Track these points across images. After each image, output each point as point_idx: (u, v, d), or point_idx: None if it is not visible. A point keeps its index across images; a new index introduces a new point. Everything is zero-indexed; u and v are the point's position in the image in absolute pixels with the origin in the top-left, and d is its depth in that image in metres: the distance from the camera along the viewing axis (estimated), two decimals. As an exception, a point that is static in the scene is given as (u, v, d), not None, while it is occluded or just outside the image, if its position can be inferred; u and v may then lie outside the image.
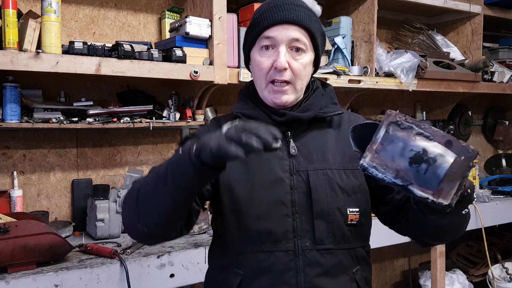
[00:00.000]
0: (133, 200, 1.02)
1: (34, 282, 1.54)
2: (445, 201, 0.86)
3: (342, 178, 1.13)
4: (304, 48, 1.13)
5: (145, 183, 1.01)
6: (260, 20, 1.13)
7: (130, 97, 2.25)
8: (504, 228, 3.30)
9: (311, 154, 1.15)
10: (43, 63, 1.73)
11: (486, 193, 2.92)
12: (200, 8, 2.20)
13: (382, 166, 0.89)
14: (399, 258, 3.47)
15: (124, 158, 2.34)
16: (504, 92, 3.24)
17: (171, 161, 0.96)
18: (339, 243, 1.11)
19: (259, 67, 1.15)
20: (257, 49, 1.15)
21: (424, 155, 0.86)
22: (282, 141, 1.13)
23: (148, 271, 1.76)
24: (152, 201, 0.99)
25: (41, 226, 1.60)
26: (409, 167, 0.87)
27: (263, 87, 1.15)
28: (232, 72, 2.16)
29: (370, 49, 2.62)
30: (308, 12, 1.14)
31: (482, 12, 3.10)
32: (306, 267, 1.09)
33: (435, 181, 0.86)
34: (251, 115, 1.17)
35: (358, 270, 1.15)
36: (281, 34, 1.11)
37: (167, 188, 0.95)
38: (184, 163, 0.91)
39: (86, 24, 2.20)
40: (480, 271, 3.24)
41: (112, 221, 1.98)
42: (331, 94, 1.23)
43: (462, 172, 0.86)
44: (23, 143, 2.08)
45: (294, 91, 1.14)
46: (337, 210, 1.11)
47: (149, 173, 1.04)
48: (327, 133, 1.19)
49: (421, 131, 0.88)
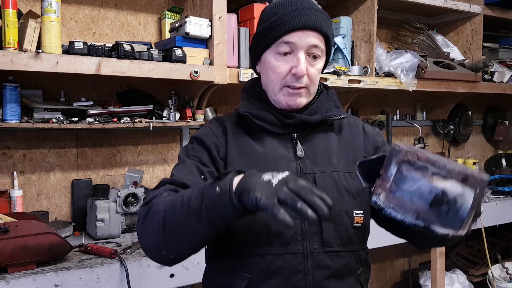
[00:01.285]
0: (158, 225, 0.98)
1: (34, 282, 1.54)
2: (463, 232, 0.87)
3: (347, 181, 1.13)
4: (320, 54, 1.14)
5: (172, 211, 0.97)
6: (279, 24, 1.10)
7: (130, 97, 2.25)
8: (504, 228, 3.30)
9: (316, 156, 1.15)
10: (43, 63, 1.73)
11: (486, 193, 2.92)
12: (200, 8, 2.20)
13: (401, 208, 0.88)
14: (399, 258, 3.47)
15: (124, 158, 2.34)
16: (504, 92, 3.24)
17: (206, 195, 0.92)
18: (346, 246, 1.11)
19: (275, 72, 1.13)
20: (273, 52, 1.13)
21: (444, 197, 0.85)
22: (289, 143, 1.15)
23: (148, 271, 1.76)
24: (182, 232, 0.97)
25: (41, 226, 1.60)
26: (429, 209, 0.86)
27: (277, 91, 1.14)
28: (232, 72, 2.16)
29: (370, 49, 2.62)
30: (325, 17, 1.14)
31: (482, 12, 3.10)
32: (314, 270, 1.08)
33: (458, 221, 0.85)
34: (259, 116, 1.15)
35: (361, 272, 1.16)
36: (301, 40, 1.10)
37: (201, 222, 0.93)
38: (223, 202, 0.89)
39: (86, 24, 2.20)
40: (480, 271, 3.24)
41: (112, 221, 1.98)
42: (333, 97, 1.24)
43: (477, 202, 0.86)
44: (23, 143, 2.08)
45: (308, 94, 1.15)
46: (344, 212, 1.11)
47: (174, 199, 0.99)
48: (330, 136, 1.19)
49: (437, 170, 0.86)
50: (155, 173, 2.43)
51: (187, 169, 1.11)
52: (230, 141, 1.15)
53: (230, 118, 1.21)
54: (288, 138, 1.16)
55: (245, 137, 1.16)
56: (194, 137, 1.18)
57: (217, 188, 0.90)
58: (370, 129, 1.27)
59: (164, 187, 1.07)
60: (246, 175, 0.91)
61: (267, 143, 1.15)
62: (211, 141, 1.15)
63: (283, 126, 1.15)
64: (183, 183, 1.07)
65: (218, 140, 1.15)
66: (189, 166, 1.11)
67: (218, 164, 1.13)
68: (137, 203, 2.05)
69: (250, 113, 1.15)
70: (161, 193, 1.05)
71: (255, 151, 1.13)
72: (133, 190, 2.04)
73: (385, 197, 0.89)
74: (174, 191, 1.05)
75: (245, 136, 1.16)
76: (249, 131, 1.17)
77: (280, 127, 1.15)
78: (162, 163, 2.45)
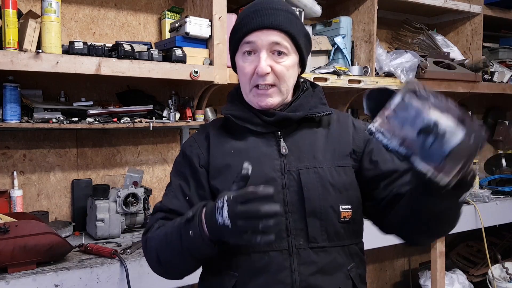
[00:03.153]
0: (155, 260, 1.14)
1: (34, 282, 1.54)
2: (444, 178, 0.83)
3: (333, 176, 1.14)
4: (285, 51, 1.14)
5: (162, 250, 1.10)
6: (241, 26, 1.15)
7: (130, 97, 2.25)
8: (504, 228, 3.30)
9: (301, 153, 1.15)
10: (43, 63, 1.73)
11: (486, 193, 2.92)
12: (200, 8, 2.20)
13: (389, 132, 0.88)
14: (399, 258, 3.47)
15: (124, 158, 2.34)
16: (504, 92, 3.24)
17: (184, 239, 1.02)
18: (333, 241, 1.11)
19: (242, 73, 1.16)
20: (240, 54, 1.17)
21: (434, 128, 0.83)
22: (273, 141, 1.17)
23: (148, 271, 1.75)
24: (176, 266, 1.12)
25: (41, 226, 1.60)
26: (416, 137, 0.85)
27: (248, 91, 1.17)
28: (232, 72, 2.15)
29: (370, 49, 2.62)
30: (288, 14, 1.14)
31: (482, 12, 3.10)
32: (300, 266, 1.09)
33: (439, 156, 0.83)
34: (240, 116, 1.18)
35: (352, 267, 1.15)
36: (261, 39, 1.12)
37: (188, 260, 1.07)
38: (199, 245, 1.00)
39: (86, 24, 2.20)
40: (480, 271, 3.24)
41: (112, 221, 1.98)
42: (320, 95, 1.24)
43: (468, 153, 0.83)
44: (23, 143, 2.08)
45: (279, 93, 1.16)
46: (329, 207, 1.11)
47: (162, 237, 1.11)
48: (316, 132, 1.20)
49: (437, 103, 0.85)
50: (155, 173, 2.43)
51: (172, 193, 1.19)
52: (213, 145, 1.19)
53: (216, 123, 1.27)
54: (271, 137, 1.17)
55: (227, 139, 1.20)
56: (181, 149, 1.26)
57: (190, 232, 1.00)
58: (361, 123, 1.27)
59: (155, 216, 1.18)
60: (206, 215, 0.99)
61: (250, 143, 1.17)
62: (192, 152, 1.21)
63: (265, 124, 1.17)
64: (170, 208, 1.17)
65: (199, 149, 1.21)
66: (174, 189, 1.20)
67: (200, 174, 1.18)
68: (137, 203, 2.05)
69: (232, 114, 1.19)
70: (153, 225, 1.17)
71: (238, 152, 1.16)
72: (133, 190, 2.04)
73: (379, 123, 0.89)
74: (164, 218, 1.17)
75: (227, 138, 1.20)
76: (233, 133, 1.20)
77: (262, 126, 1.17)
78: (162, 163, 2.45)
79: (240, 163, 1.11)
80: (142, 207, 2.07)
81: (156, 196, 2.41)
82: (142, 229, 2.12)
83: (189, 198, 1.17)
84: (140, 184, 2.15)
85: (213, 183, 1.16)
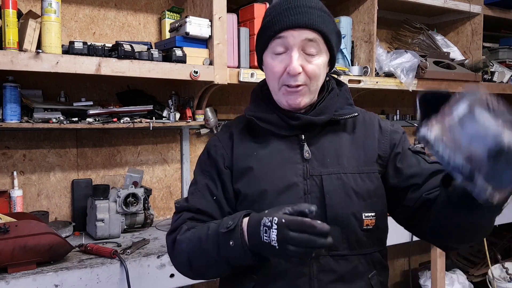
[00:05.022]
0: (186, 263, 1.11)
1: (34, 282, 1.54)
2: (498, 197, 0.78)
3: (357, 182, 1.10)
4: (318, 50, 1.10)
5: (195, 255, 1.08)
6: (272, 24, 1.10)
7: (130, 97, 2.25)
8: (504, 228, 3.30)
9: (325, 158, 1.12)
10: (43, 63, 1.73)
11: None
12: (200, 8, 2.20)
13: (454, 145, 0.78)
14: (399, 258, 3.47)
15: (124, 158, 2.34)
16: (504, 92, 3.23)
17: (223, 248, 1.01)
18: (354, 249, 1.09)
19: (272, 71, 1.12)
20: (270, 52, 1.13)
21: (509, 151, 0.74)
22: (296, 145, 1.14)
23: (148, 271, 1.76)
24: (209, 272, 1.10)
25: (41, 226, 1.60)
26: (485, 157, 0.75)
27: (277, 90, 1.13)
28: (232, 72, 2.16)
29: (370, 49, 2.62)
30: (321, 13, 1.10)
31: (482, 12, 3.10)
32: (320, 273, 1.07)
33: (509, 181, 0.76)
34: (264, 118, 1.15)
35: (374, 275, 1.12)
36: (294, 38, 1.08)
37: (222, 267, 1.04)
38: (240, 256, 0.98)
39: (86, 24, 2.20)
40: (480, 271, 3.24)
41: (112, 221, 1.98)
42: (346, 94, 1.20)
43: None
44: (23, 143, 2.08)
45: (308, 92, 1.12)
46: (351, 215, 1.08)
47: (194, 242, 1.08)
48: (341, 136, 1.16)
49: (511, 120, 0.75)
50: (155, 173, 2.43)
51: (200, 193, 1.16)
52: (236, 146, 1.17)
53: (239, 122, 1.23)
54: (295, 140, 1.14)
55: (250, 141, 1.17)
56: (206, 148, 1.24)
57: (230, 242, 0.98)
58: (388, 125, 1.21)
59: (183, 217, 1.15)
60: (249, 228, 0.97)
61: (273, 146, 1.14)
62: (217, 153, 1.18)
63: (289, 127, 1.13)
64: (198, 208, 1.14)
65: (223, 149, 1.18)
66: (201, 189, 1.17)
67: (225, 176, 1.16)
68: (137, 203, 2.05)
69: (255, 116, 1.15)
70: (181, 226, 1.14)
71: (260, 154, 1.13)
72: (133, 190, 2.04)
73: (440, 131, 0.80)
74: (192, 219, 1.14)
75: (251, 139, 1.17)
76: (256, 134, 1.17)
77: (286, 128, 1.14)
78: (162, 163, 2.45)
79: (262, 166, 1.11)
80: (142, 207, 2.07)
81: (156, 196, 2.41)
82: (142, 229, 2.13)
83: (216, 198, 1.14)
84: (140, 184, 2.15)
85: (235, 185, 1.14)
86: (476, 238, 1.07)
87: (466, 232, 1.01)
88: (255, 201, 1.09)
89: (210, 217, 1.13)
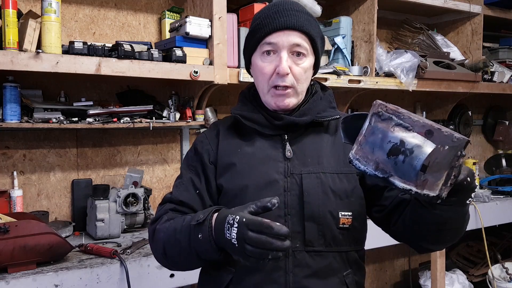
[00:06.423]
0: (161, 253, 1.15)
1: (34, 282, 1.55)
2: (431, 192, 0.83)
3: (335, 182, 1.14)
4: (305, 53, 1.15)
5: (170, 244, 1.11)
6: (261, 26, 1.16)
7: (130, 97, 2.25)
8: (504, 228, 3.30)
9: (306, 157, 1.16)
10: (43, 63, 1.73)
11: (486, 193, 2.92)
12: (200, 8, 2.20)
13: (364, 159, 0.89)
14: (399, 258, 3.47)
15: (124, 158, 2.34)
16: (504, 92, 3.24)
17: (193, 240, 1.04)
18: (329, 246, 1.12)
19: (261, 72, 1.17)
20: (259, 54, 1.18)
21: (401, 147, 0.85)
22: (279, 144, 1.18)
23: (148, 271, 1.76)
24: (182, 262, 1.13)
25: (41, 226, 1.60)
26: (387, 159, 0.86)
27: (265, 92, 1.18)
28: (232, 72, 2.16)
29: (370, 49, 2.62)
30: (308, 17, 1.17)
31: (482, 12, 3.10)
32: (295, 268, 1.10)
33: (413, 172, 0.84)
34: (249, 117, 1.20)
35: (349, 273, 1.15)
36: (283, 40, 1.13)
37: (196, 260, 1.08)
38: (207, 249, 1.02)
39: (86, 24, 2.20)
40: (480, 271, 3.24)
41: (112, 221, 1.98)
42: (329, 98, 1.25)
43: (449, 162, 0.82)
44: (23, 143, 2.08)
45: (295, 94, 1.17)
46: (328, 213, 1.12)
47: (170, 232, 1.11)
48: (323, 137, 1.21)
49: (400, 121, 0.87)
50: (155, 173, 2.43)
51: (183, 186, 1.21)
52: (221, 142, 1.22)
53: (226, 121, 1.28)
54: (278, 139, 1.19)
55: (235, 138, 1.22)
56: (193, 144, 1.28)
57: (199, 235, 1.02)
58: None
59: (165, 207, 1.20)
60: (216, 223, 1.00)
61: (257, 144, 1.19)
62: (203, 148, 1.23)
63: (272, 127, 1.18)
64: (180, 200, 1.19)
65: (209, 145, 1.23)
66: (185, 182, 1.21)
67: (209, 171, 1.20)
68: (137, 203, 2.05)
69: (241, 115, 1.20)
70: (162, 216, 1.18)
71: (244, 151, 1.18)
72: (133, 190, 2.04)
73: (355, 151, 0.91)
74: (173, 210, 1.19)
75: (236, 137, 1.22)
76: (241, 133, 1.22)
77: (270, 128, 1.18)
78: (162, 163, 2.45)
79: (245, 163, 1.15)
80: (142, 207, 2.07)
81: (156, 196, 2.41)
82: (142, 229, 2.13)
83: (199, 192, 1.19)
84: (140, 184, 2.15)
85: (218, 180, 1.18)
86: (448, 238, 1.09)
87: (437, 232, 1.05)
88: (236, 196, 1.14)
89: (192, 210, 1.18)
